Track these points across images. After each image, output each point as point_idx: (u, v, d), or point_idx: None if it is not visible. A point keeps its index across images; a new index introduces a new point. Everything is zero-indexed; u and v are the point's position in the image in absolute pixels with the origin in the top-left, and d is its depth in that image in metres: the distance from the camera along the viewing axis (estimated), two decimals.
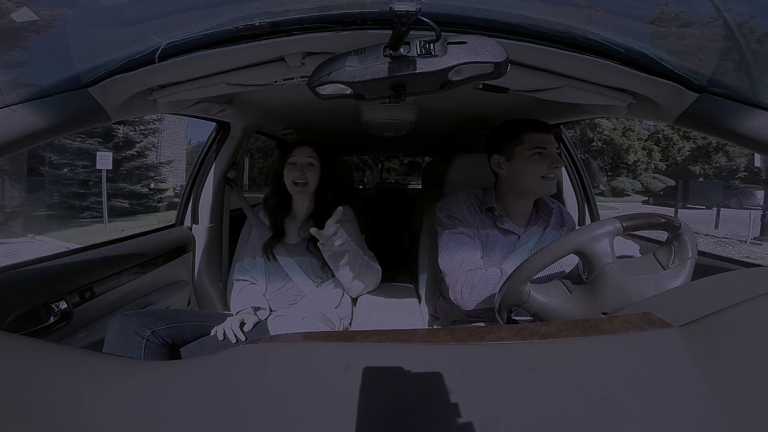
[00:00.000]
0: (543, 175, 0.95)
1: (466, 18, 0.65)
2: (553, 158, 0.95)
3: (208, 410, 0.31)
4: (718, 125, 0.68)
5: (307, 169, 1.18)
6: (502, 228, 1.03)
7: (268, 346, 0.43)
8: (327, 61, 0.58)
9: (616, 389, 0.32)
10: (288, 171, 1.19)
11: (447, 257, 0.99)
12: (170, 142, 14.74)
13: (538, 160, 0.95)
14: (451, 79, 0.58)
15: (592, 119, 2.18)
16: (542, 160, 0.95)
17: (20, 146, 0.63)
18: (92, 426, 0.30)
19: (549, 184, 0.96)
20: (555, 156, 0.95)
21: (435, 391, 0.33)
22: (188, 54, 0.68)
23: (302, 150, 1.20)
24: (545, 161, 0.95)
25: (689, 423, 0.28)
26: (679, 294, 0.51)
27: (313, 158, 1.20)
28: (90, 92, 0.70)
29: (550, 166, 0.94)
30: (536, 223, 1.06)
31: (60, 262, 0.96)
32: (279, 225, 1.24)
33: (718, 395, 0.30)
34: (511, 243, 1.04)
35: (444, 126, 1.95)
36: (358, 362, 0.37)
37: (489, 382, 0.34)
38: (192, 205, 1.54)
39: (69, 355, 0.40)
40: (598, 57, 0.70)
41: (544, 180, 0.95)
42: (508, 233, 1.04)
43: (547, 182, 0.96)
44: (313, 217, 1.22)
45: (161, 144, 13.58)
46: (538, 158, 0.95)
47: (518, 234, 1.05)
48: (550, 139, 0.96)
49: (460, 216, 1.02)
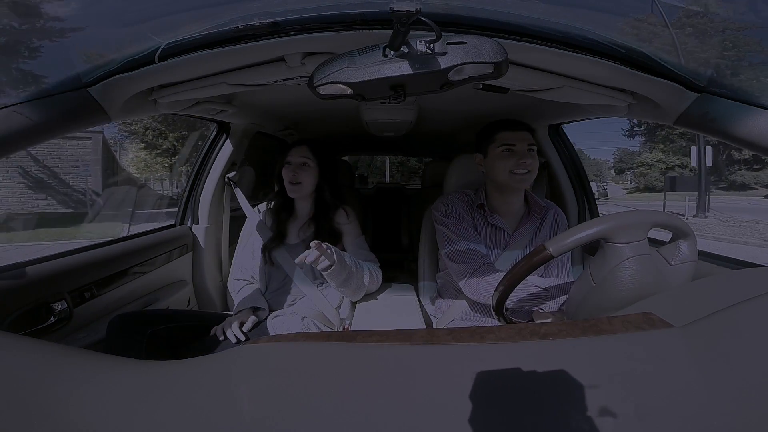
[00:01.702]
0: (511, 170, 1.01)
1: (466, 18, 0.65)
2: (520, 155, 1.01)
3: (208, 410, 0.31)
4: (717, 125, 0.68)
5: (301, 169, 1.17)
6: (493, 224, 1.08)
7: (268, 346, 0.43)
8: (327, 61, 0.58)
9: (616, 389, 0.32)
10: (284, 171, 1.19)
11: (451, 250, 1.03)
12: None
13: (507, 156, 1.02)
14: (451, 79, 0.58)
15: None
16: (510, 156, 1.02)
17: (20, 146, 0.63)
18: (92, 426, 0.30)
19: (518, 178, 1.02)
20: (522, 152, 1.01)
21: (435, 390, 0.33)
22: (188, 54, 0.68)
23: (298, 150, 1.20)
24: (513, 157, 1.01)
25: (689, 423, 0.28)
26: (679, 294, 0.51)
27: (308, 158, 1.19)
28: (90, 92, 0.70)
29: (518, 161, 1.01)
30: (528, 222, 1.09)
31: (60, 262, 0.96)
32: (280, 226, 1.23)
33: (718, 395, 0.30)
34: (504, 240, 1.08)
35: (444, 126, 1.95)
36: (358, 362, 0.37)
37: (489, 382, 0.34)
38: (192, 205, 1.54)
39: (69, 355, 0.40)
40: (598, 57, 0.70)
41: (513, 175, 1.02)
42: (499, 229, 1.08)
43: (516, 177, 1.02)
44: (314, 218, 1.22)
45: None
46: (507, 154, 1.02)
47: (508, 231, 1.08)
48: (520, 137, 1.03)
49: (457, 213, 1.07)
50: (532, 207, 1.11)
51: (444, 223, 1.07)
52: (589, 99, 0.85)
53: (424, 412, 0.31)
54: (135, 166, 14.50)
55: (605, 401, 0.30)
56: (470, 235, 1.03)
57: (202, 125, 10.15)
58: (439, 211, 1.10)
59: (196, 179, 1.54)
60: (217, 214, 1.58)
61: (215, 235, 1.58)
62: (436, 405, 0.31)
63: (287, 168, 1.18)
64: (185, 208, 1.55)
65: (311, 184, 1.19)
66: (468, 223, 1.06)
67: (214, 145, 1.54)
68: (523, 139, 1.02)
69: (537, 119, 1.46)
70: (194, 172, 1.56)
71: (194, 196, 1.54)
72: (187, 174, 2.71)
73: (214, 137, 1.55)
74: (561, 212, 1.16)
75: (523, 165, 1.00)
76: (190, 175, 1.60)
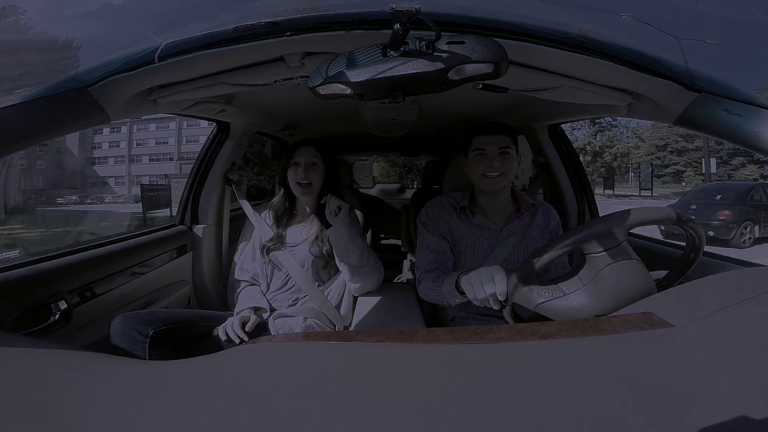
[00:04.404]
0: (483, 173, 1.04)
1: (466, 18, 0.65)
2: (490, 158, 1.04)
3: (209, 410, 0.31)
4: (717, 125, 0.68)
5: (310, 169, 1.17)
6: (476, 224, 1.10)
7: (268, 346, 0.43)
8: (326, 61, 0.58)
9: (616, 389, 0.32)
10: (291, 172, 1.18)
11: (417, 259, 1.11)
12: None
13: (479, 160, 1.05)
14: (451, 78, 0.58)
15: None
16: (482, 160, 1.05)
17: (20, 146, 0.63)
18: (92, 426, 0.30)
19: (489, 181, 1.05)
20: (492, 156, 1.04)
21: (435, 390, 0.33)
22: (188, 54, 0.68)
23: (305, 150, 1.19)
24: (484, 161, 1.04)
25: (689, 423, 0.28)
26: (679, 294, 0.51)
27: (317, 158, 1.18)
28: (90, 92, 0.70)
29: (488, 165, 1.04)
30: (516, 220, 1.10)
31: (60, 262, 0.96)
32: (282, 226, 1.23)
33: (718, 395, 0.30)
34: (492, 239, 1.10)
35: (444, 126, 1.95)
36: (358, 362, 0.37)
37: (489, 382, 0.34)
38: (192, 205, 1.54)
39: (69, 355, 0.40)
40: (597, 57, 0.70)
41: (484, 178, 1.05)
42: (483, 229, 1.10)
43: (488, 180, 1.04)
44: (317, 218, 1.21)
45: None
46: (479, 158, 1.06)
47: (495, 230, 1.10)
48: (493, 140, 1.05)
49: (432, 222, 1.11)
50: (522, 205, 1.12)
51: (419, 232, 1.13)
52: (588, 99, 0.85)
53: (424, 412, 0.31)
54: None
55: (605, 401, 0.30)
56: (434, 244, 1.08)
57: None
58: (419, 219, 1.15)
59: (196, 179, 1.54)
60: (217, 214, 1.58)
61: (215, 235, 1.57)
62: (436, 405, 0.31)
63: (295, 169, 1.17)
64: (185, 207, 1.55)
65: (320, 184, 1.19)
66: (441, 230, 1.10)
67: (213, 144, 1.54)
68: (495, 142, 1.05)
69: (537, 119, 1.46)
70: (194, 172, 1.56)
71: (194, 196, 1.54)
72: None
73: (214, 137, 1.55)
74: (553, 210, 1.17)
75: (492, 168, 1.03)
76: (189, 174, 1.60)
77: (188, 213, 1.54)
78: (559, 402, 0.31)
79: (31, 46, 0.86)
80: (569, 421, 0.29)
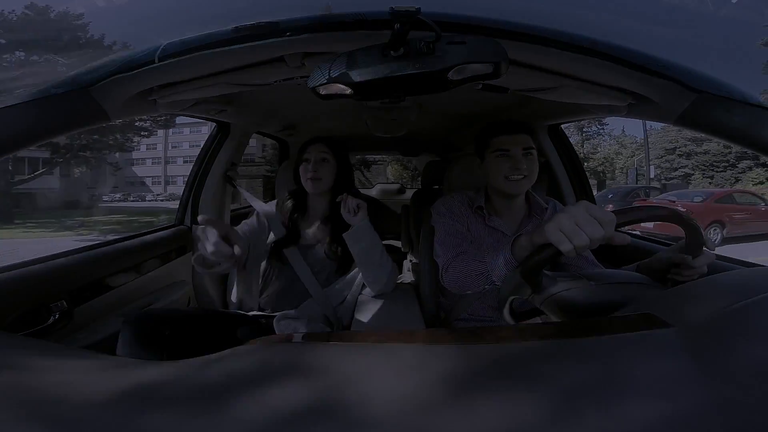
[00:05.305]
0: (506, 175, 0.99)
1: (466, 18, 0.65)
2: (515, 159, 0.98)
3: (209, 410, 0.32)
4: (717, 125, 0.68)
5: (321, 164, 1.17)
6: (491, 226, 1.07)
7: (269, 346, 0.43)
8: (327, 61, 0.58)
9: (616, 390, 0.32)
10: (302, 168, 1.18)
11: (439, 246, 1.03)
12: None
13: (501, 162, 0.99)
14: (451, 79, 0.58)
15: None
16: (505, 161, 0.99)
17: (20, 146, 0.63)
18: (92, 426, 0.30)
19: (512, 184, 1.00)
20: (517, 157, 0.99)
21: (435, 391, 0.33)
22: (188, 54, 0.68)
23: (316, 147, 1.19)
24: (508, 162, 0.99)
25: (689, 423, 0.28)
26: (679, 294, 0.51)
27: (327, 153, 1.18)
28: (90, 92, 0.70)
29: (512, 167, 0.98)
30: (529, 224, 1.08)
31: (60, 262, 0.96)
32: (294, 225, 1.22)
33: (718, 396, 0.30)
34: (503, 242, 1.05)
35: (444, 126, 1.95)
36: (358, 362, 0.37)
37: (489, 383, 0.34)
38: (192, 205, 1.53)
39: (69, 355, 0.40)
40: (597, 57, 0.70)
41: (507, 180, 0.99)
42: (497, 231, 1.07)
43: (511, 183, 0.99)
44: (330, 218, 1.20)
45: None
46: (501, 160, 1.00)
47: (508, 233, 1.07)
48: (515, 141, 1.00)
49: (452, 213, 1.07)
50: (534, 208, 1.10)
51: (438, 222, 1.08)
52: (588, 99, 0.85)
53: (423, 412, 0.31)
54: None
55: (605, 402, 0.30)
56: (456, 230, 1.04)
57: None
58: (436, 209, 1.11)
59: (196, 179, 1.54)
60: (218, 215, 1.57)
61: None
62: (436, 405, 0.31)
63: (305, 165, 1.17)
64: (185, 208, 1.55)
65: (331, 180, 1.19)
66: (462, 222, 1.06)
67: (213, 144, 1.54)
68: (518, 143, 1.00)
69: (537, 119, 1.46)
70: (194, 172, 1.56)
71: (194, 196, 1.54)
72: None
73: (214, 137, 1.55)
74: (560, 206, 1.15)
75: (517, 171, 0.98)
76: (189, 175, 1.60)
77: (188, 213, 1.54)
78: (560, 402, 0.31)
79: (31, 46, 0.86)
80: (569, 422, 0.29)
